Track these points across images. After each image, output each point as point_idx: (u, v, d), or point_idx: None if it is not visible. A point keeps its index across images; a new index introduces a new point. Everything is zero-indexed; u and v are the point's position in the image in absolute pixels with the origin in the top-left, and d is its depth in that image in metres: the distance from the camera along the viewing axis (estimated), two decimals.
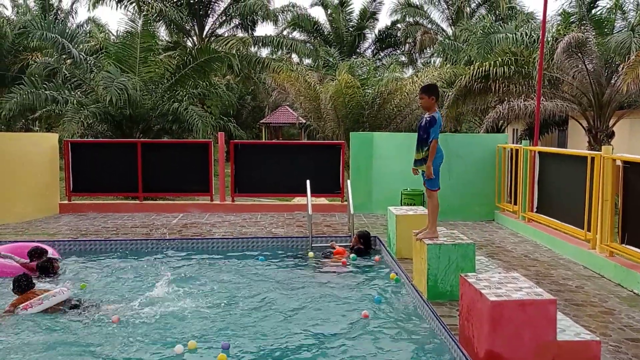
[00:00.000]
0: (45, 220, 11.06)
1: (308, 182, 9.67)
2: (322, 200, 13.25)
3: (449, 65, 23.12)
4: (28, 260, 7.40)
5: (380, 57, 38.27)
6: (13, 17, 34.42)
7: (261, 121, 38.58)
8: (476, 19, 32.06)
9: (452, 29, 33.88)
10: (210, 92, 20.66)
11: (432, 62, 33.94)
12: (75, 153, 12.38)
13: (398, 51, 38.86)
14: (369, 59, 31.12)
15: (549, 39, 16.52)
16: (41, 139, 12.16)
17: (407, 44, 37.69)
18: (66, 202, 12.29)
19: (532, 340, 4.21)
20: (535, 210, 9.91)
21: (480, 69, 17.83)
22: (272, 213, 12.10)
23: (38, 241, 8.42)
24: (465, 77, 18.31)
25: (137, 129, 16.68)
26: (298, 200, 13.37)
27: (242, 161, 12.50)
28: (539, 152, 9.95)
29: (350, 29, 37.43)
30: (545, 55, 15.50)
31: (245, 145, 13.51)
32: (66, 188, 12.45)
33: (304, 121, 28.24)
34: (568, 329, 4.53)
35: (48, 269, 7.22)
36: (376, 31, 38.73)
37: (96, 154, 12.67)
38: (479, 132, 21.69)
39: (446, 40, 30.10)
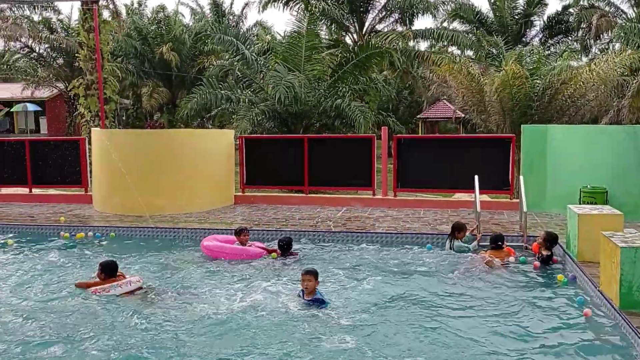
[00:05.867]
0: (222, 210, 11.92)
1: (476, 177, 9.30)
2: (484, 197, 12.64)
3: (630, 51, 20.79)
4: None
5: (548, 45, 35.66)
6: (190, 23, 37.87)
7: (418, 116, 38.13)
8: None
9: (634, 11, 30.47)
10: (369, 87, 20.83)
11: (610, 48, 30.84)
12: (249, 148, 13.18)
13: (569, 38, 35.86)
14: (538, 47, 29.12)
15: None
16: (220, 136, 13.08)
17: (581, 30, 34.65)
18: (240, 194, 13.15)
19: None
20: None
21: None
22: (435, 209, 11.81)
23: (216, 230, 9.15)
24: None
25: (300, 126, 17.33)
26: (458, 196, 12.90)
27: (405, 156, 12.38)
28: None
29: (516, 17, 35.29)
30: None
31: (409, 140, 13.37)
32: (240, 181, 13.31)
33: (462, 115, 27.33)
34: None
35: (286, 249, 8.17)
36: (545, 18, 36.02)
37: (267, 150, 13.35)
38: None
39: (628, 23, 27.12)
